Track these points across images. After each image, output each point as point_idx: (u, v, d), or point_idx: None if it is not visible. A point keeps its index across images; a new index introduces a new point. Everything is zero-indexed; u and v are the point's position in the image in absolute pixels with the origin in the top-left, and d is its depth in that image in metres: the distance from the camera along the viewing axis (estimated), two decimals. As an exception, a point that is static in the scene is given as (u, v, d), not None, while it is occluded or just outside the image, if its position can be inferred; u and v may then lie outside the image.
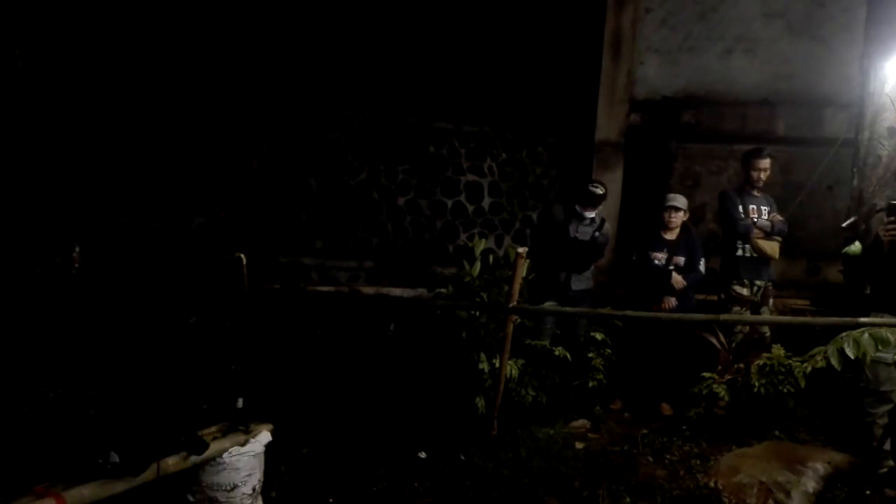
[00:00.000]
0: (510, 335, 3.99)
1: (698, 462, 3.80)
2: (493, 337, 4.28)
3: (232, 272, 3.50)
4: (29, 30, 5.77)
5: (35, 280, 3.96)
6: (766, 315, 4.66)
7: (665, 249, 4.78)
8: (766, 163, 4.71)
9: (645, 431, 4.26)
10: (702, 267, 4.80)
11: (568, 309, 4.64)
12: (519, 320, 4.30)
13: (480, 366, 4.10)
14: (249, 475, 2.71)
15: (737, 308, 4.67)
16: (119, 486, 2.21)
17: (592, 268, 5.03)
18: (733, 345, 4.52)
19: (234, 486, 2.65)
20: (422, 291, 5.68)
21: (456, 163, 7.53)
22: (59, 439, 2.31)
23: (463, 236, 7.51)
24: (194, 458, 2.49)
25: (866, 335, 2.89)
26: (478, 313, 4.41)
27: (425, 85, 7.56)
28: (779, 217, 4.78)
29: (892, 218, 3.23)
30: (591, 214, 4.87)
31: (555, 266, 4.86)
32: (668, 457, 3.91)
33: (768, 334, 4.54)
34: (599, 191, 4.82)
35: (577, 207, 4.88)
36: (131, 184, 6.32)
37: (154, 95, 6.45)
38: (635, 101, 7.16)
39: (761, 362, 4.02)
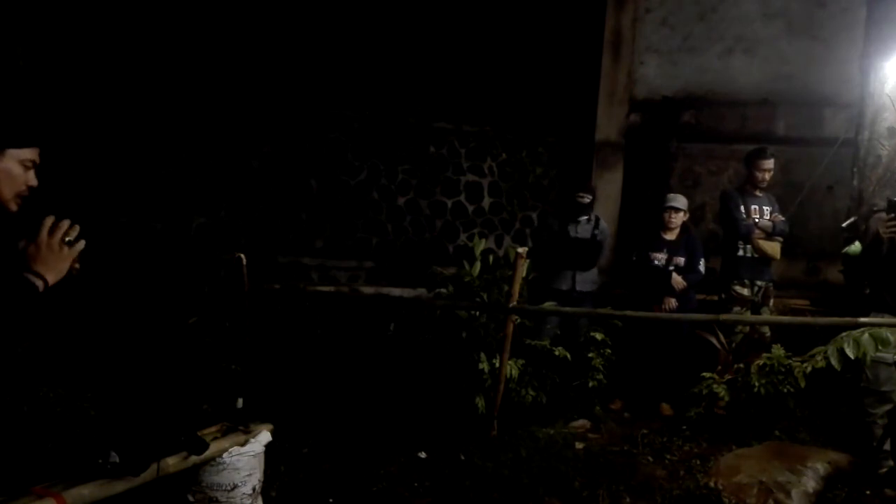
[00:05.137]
0: (510, 335, 3.99)
1: (698, 462, 3.80)
2: (493, 337, 4.28)
3: (232, 272, 3.49)
4: (31, 29, 5.78)
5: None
6: (766, 315, 4.66)
7: (665, 250, 4.78)
8: (769, 163, 4.70)
9: (645, 431, 4.27)
10: (702, 267, 4.80)
11: (567, 309, 4.64)
12: (519, 320, 4.30)
13: (480, 366, 4.10)
14: (249, 475, 2.71)
15: (737, 308, 4.67)
16: (119, 486, 2.20)
17: (596, 269, 5.03)
18: (733, 345, 4.53)
19: (234, 486, 2.65)
20: (422, 291, 5.67)
21: (456, 163, 7.53)
22: (59, 439, 2.31)
23: (463, 236, 7.51)
24: (194, 458, 2.49)
25: (866, 335, 2.88)
26: (478, 313, 4.40)
27: (425, 85, 7.55)
28: (780, 217, 4.78)
29: (893, 215, 3.23)
30: (585, 217, 4.94)
31: (560, 267, 4.88)
32: (668, 457, 3.91)
33: (768, 334, 4.54)
34: (586, 200, 4.90)
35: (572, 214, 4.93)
36: (131, 184, 6.32)
37: (154, 95, 6.45)
38: (635, 101, 7.16)
39: (761, 362, 4.02)
